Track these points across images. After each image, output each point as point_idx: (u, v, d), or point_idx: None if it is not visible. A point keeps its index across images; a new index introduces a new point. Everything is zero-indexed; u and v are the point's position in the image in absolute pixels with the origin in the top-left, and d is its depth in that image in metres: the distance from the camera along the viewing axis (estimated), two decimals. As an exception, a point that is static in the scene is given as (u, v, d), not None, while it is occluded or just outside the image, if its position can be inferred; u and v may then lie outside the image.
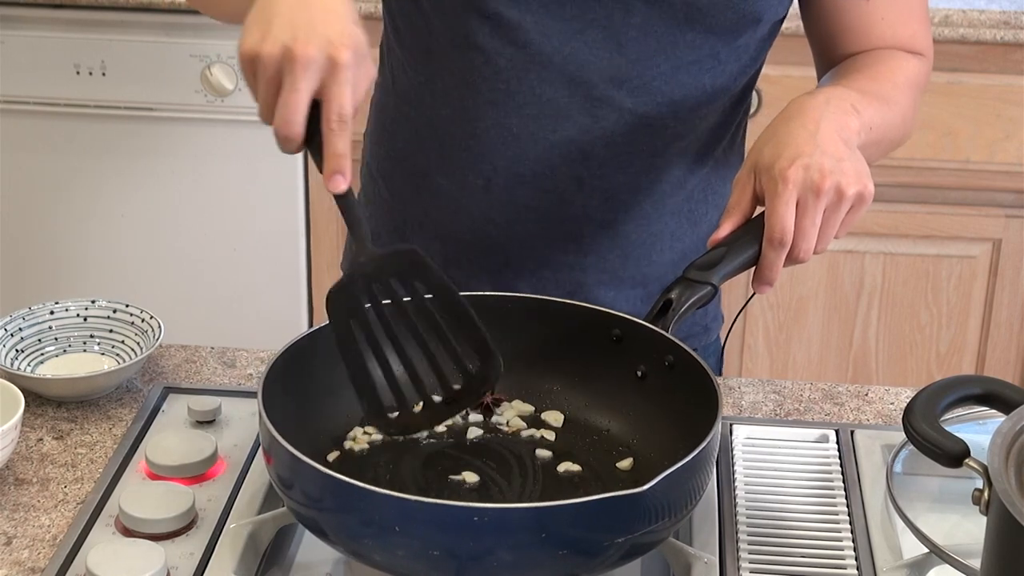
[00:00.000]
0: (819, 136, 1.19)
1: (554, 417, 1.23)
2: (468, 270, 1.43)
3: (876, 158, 1.32)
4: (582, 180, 1.37)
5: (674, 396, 1.16)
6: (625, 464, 1.17)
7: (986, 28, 2.30)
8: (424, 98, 1.40)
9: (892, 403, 1.35)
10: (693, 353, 1.15)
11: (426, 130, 1.41)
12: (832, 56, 1.42)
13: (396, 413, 1.12)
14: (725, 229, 1.21)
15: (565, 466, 1.17)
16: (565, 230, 1.40)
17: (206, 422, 1.28)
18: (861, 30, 1.38)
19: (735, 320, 1.50)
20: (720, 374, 1.56)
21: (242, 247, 2.48)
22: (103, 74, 2.37)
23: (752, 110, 2.36)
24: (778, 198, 1.17)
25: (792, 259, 1.19)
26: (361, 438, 1.19)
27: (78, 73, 2.38)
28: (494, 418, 1.22)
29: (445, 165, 1.40)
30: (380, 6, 1.43)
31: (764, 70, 2.48)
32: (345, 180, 1.06)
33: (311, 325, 1.82)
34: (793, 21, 2.35)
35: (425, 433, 1.20)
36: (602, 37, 1.31)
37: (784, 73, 2.37)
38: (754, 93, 2.34)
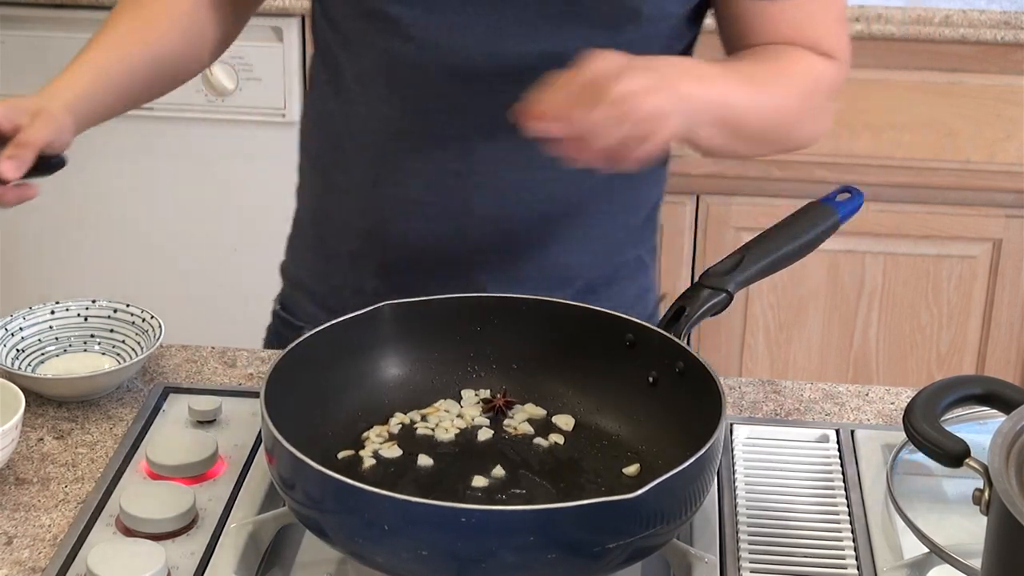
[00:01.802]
0: (678, 81, 1.17)
1: (564, 421, 1.23)
2: (372, 269, 1.44)
3: (741, 149, 1.31)
4: (462, 174, 1.37)
5: (683, 403, 1.16)
6: (631, 470, 1.17)
7: (986, 28, 2.30)
8: (328, 98, 1.42)
9: (892, 403, 1.35)
10: (703, 360, 1.15)
11: (328, 129, 1.44)
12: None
13: None
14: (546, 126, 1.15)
15: (572, 470, 1.17)
16: (455, 227, 1.40)
17: (207, 422, 1.28)
18: (765, 30, 1.35)
19: (661, 297, 1.53)
20: None
21: (242, 247, 2.48)
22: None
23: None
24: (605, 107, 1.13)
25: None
26: (375, 439, 1.19)
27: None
28: (505, 421, 1.22)
29: (340, 162, 1.43)
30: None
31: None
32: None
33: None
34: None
35: (437, 434, 1.20)
36: (483, 31, 1.31)
37: (784, 73, 2.37)
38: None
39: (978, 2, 2.33)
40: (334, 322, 1.20)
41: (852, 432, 1.29)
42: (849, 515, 1.18)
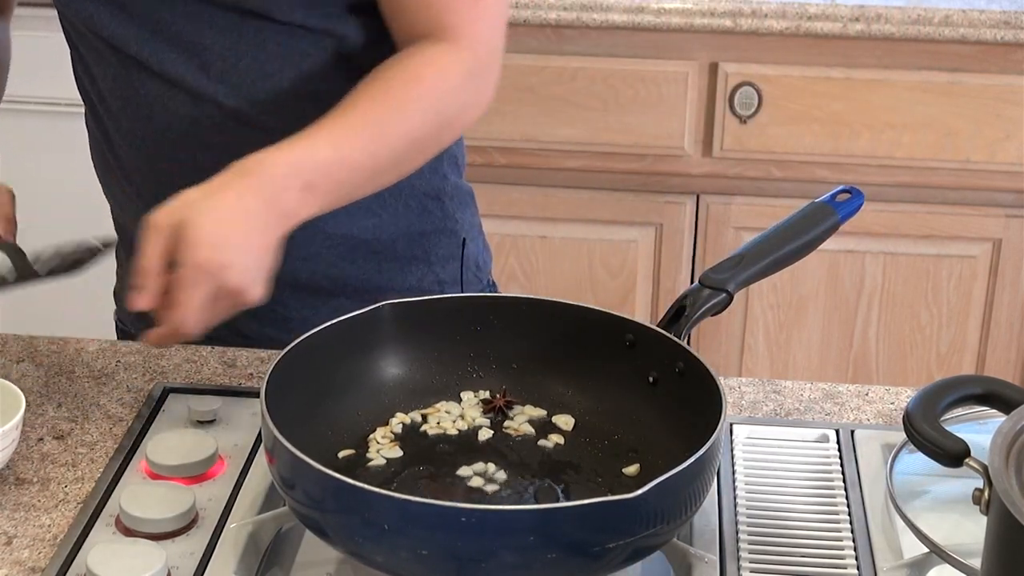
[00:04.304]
0: (248, 228, 1.16)
1: (564, 421, 1.23)
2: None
3: (393, 179, 1.31)
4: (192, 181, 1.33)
5: (683, 403, 1.16)
6: (631, 470, 1.17)
7: (986, 28, 2.30)
8: (90, 126, 1.47)
9: (892, 403, 1.35)
10: (703, 361, 1.15)
11: (99, 156, 1.47)
12: (396, 38, 1.36)
13: None
14: (140, 303, 1.16)
15: (572, 470, 1.17)
16: None
17: (206, 422, 1.28)
18: (396, 13, 1.33)
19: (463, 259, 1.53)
20: None
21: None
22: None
23: (752, 111, 2.38)
24: (187, 289, 1.14)
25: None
26: (380, 440, 1.19)
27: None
28: (505, 422, 1.22)
29: (109, 179, 1.46)
30: None
31: (763, 70, 2.49)
32: None
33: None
34: (792, 21, 2.36)
35: (437, 434, 1.20)
36: (177, 35, 1.33)
37: (784, 73, 2.38)
38: (754, 92, 2.36)
39: (978, 2, 2.33)
40: (334, 322, 1.20)
41: (852, 432, 1.29)
42: (849, 515, 1.18)
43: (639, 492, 0.98)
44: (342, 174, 1.23)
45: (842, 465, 1.24)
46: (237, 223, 1.16)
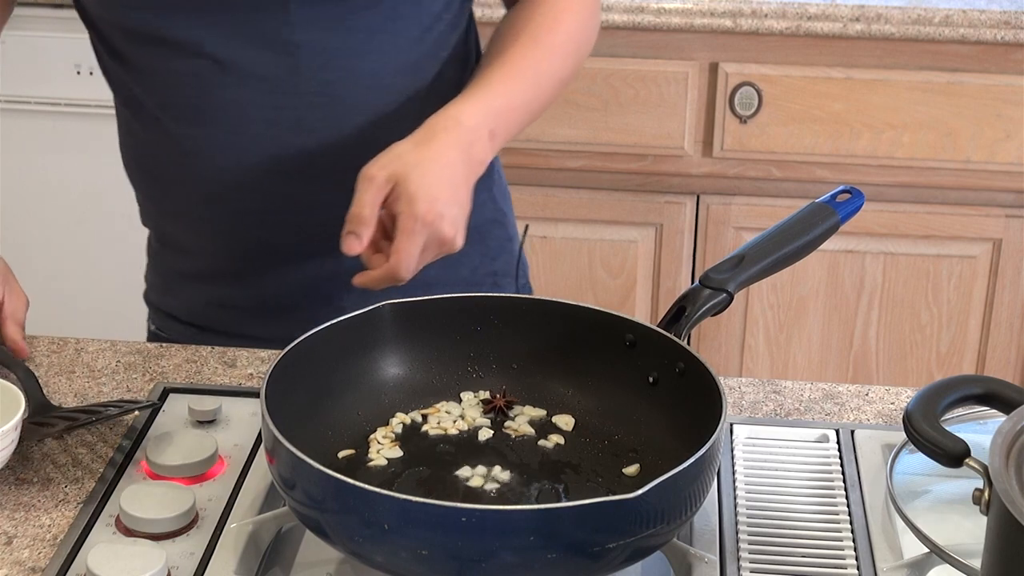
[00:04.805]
0: (455, 181, 1.26)
1: (565, 421, 1.23)
2: (223, 284, 1.47)
3: (538, 114, 1.40)
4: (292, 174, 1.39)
5: (683, 403, 1.16)
6: (631, 470, 1.17)
7: (986, 28, 2.30)
8: (141, 131, 1.44)
9: (892, 403, 1.35)
10: (703, 361, 1.15)
11: (153, 160, 1.45)
12: None
13: None
14: (357, 247, 1.24)
15: (572, 470, 1.17)
16: (308, 233, 1.42)
17: (207, 422, 1.28)
18: None
19: (520, 254, 1.55)
20: None
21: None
22: None
23: (752, 111, 2.38)
24: (409, 239, 1.23)
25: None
26: (381, 440, 1.19)
27: (78, 73, 2.38)
28: (506, 421, 1.22)
29: (175, 190, 1.45)
30: None
31: (763, 70, 2.49)
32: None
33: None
34: (792, 21, 2.36)
35: (437, 435, 1.20)
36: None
37: (784, 73, 2.38)
38: (754, 92, 2.36)
39: (978, 2, 2.33)
40: (334, 322, 1.20)
41: (852, 432, 1.29)
42: (849, 515, 1.18)
43: (639, 492, 0.98)
44: (512, 119, 1.34)
45: (842, 465, 1.24)
46: (445, 177, 1.25)
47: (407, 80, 1.39)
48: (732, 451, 1.26)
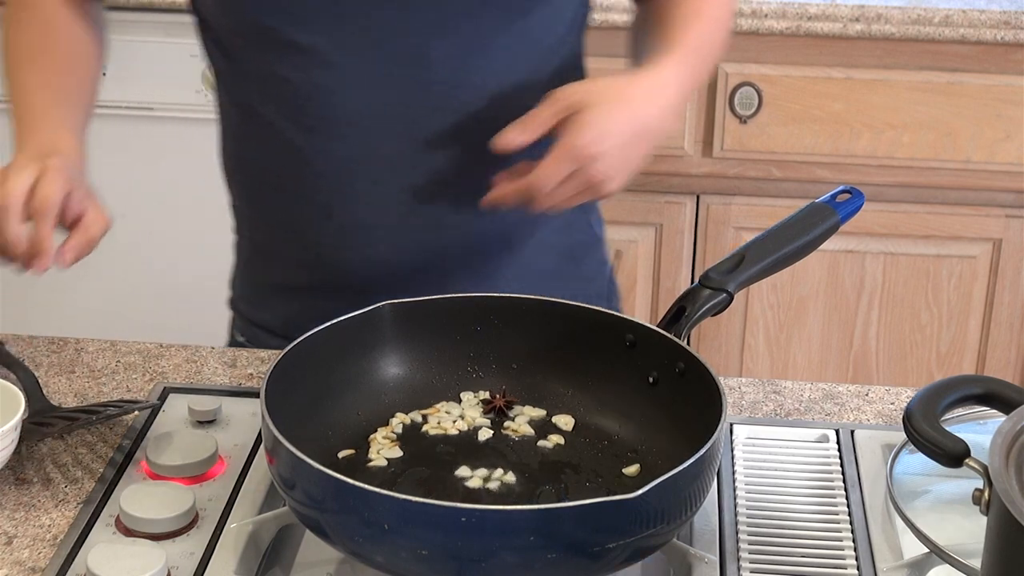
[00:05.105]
0: (633, 137, 1.28)
1: (564, 421, 1.23)
2: (332, 297, 1.44)
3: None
4: (405, 190, 1.37)
5: (683, 403, 1.16)
6: (631, 470, 1.17)
7: (986, 28, 2.30)
8: (252, 137, 1.42)
9: (892, 403, 1.35)
10: (703, 361, 1.15)
11: (262, 168, 1.44)
12: None
13: None
14: (517, 138, 1.25)
15: (572, 470, 1.17)
16: (421, 245, 1.40)
17: (207, 422, 1.28)
18: None
19: (612, 279, 1.57)
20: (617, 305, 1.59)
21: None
22: (103, 74, 2.36)
23: (752, 111, 2.38)
24: (556, 161, 1.24)
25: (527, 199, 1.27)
26: (381, 440, 1.19)
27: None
28: (506, 421, 1.22)
29: (283, 199, 1.43)
30: None
31: (764, 70, 2.49)
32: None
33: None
34: (793, 21, 2.36)
35: (437, 435, 1.20)
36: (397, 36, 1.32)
37: (784, 73, 2.38)
38: (754, 92, 2.36)
39: (978, 2, 2.33)
40: (334, 322, 1.20)
41: (852, 432, 1.29)
42: (849, 515, 1.18)
43: (639, 492, 0.98)
44: (682, 92, 1.35)
45: (842, 465, 1.24)
46: (621, 124, 1.26)
47: (536, 96, 1.35)
48: (732, 451, 1.26)
